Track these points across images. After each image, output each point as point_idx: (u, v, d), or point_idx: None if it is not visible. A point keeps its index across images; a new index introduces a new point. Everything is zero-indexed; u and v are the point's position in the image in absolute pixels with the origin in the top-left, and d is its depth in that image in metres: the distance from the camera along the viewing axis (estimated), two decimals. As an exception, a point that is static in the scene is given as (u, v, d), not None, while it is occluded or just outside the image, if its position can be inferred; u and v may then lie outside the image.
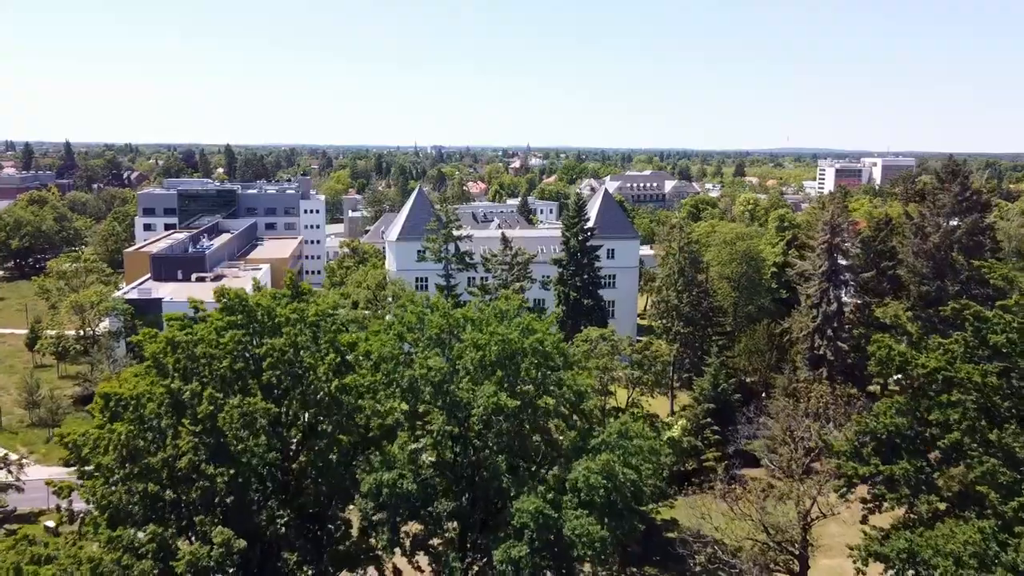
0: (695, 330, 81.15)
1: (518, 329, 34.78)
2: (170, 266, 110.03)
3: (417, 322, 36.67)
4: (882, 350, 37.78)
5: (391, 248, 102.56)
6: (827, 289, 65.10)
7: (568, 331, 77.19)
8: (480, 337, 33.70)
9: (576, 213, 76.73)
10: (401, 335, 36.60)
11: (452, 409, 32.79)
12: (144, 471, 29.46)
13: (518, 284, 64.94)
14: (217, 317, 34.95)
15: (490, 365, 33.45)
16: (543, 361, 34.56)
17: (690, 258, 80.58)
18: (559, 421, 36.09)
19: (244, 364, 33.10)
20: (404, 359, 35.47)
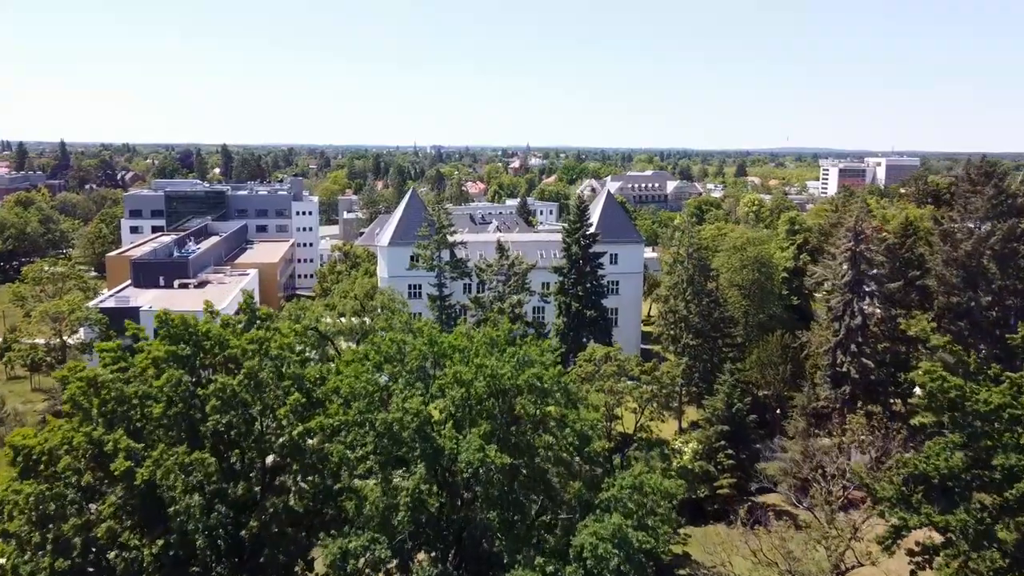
0: (705, 342, 75.97)
1: (512, 360, 29.56)
2: (151, 272, 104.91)
3: (396, 351, 31.46)
4: (935, 381, 32.57)
5: (382, 253, 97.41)
6: (850, 301, 59.95)
7: (570, 344, 72.10)
8: (464, 371, 28.53)
9: (578, 217, 71.56)
10: (379, 365, 31.36)
11: (434, 457, 27.70)
12: (56, 541, 24.36)
13: (515, 297, 59.76)
14: (158, 348, 29.75)
15: (477, 404, 28.29)
16: (541, 399, 29.39)
17: (699, 265, 75.40)
18: (561, 468, 30.92)
19: (184, 406, 27.94)
20: (381, 396, 30.27)
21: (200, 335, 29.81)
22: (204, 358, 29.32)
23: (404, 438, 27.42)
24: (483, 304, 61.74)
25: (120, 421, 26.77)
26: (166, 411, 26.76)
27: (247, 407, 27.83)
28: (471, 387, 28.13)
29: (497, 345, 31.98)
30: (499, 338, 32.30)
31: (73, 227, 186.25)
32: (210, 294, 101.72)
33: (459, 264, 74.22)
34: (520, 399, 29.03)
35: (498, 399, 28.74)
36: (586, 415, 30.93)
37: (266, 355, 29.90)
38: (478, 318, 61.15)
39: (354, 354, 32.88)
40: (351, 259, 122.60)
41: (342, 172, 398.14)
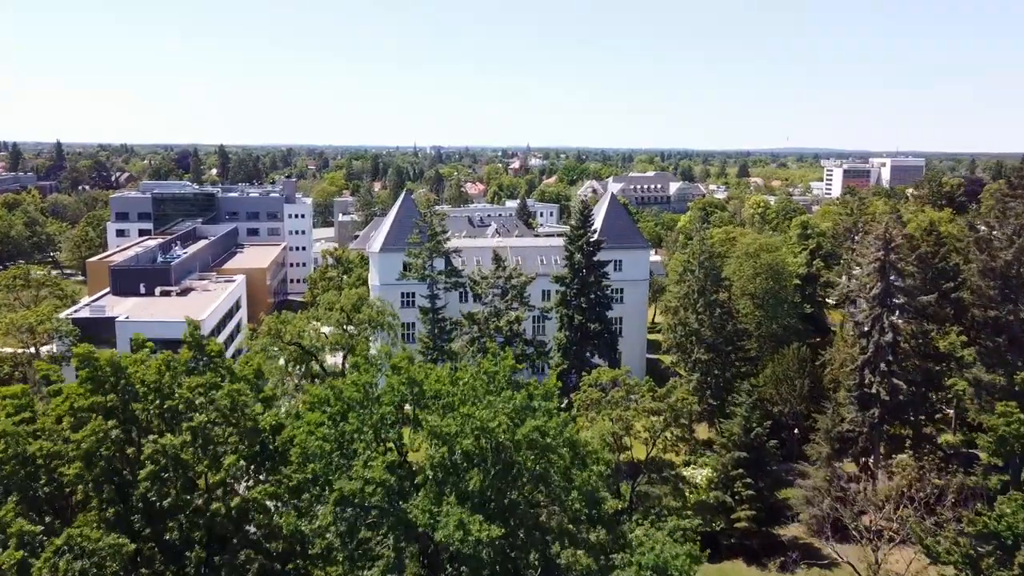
0: (717, 356, 70.80)
1: (508, 407, 24.38)
2: (131, 279, 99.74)
3: (363, 398, 26.22)
4: (1012, 424, 27.36)
5: (373, 260, 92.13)
6: (880, 315, 54.77)
7: (572, 359, 66.98)
8: (447, 425, 23.37)
9: (581, 223, 66.37)
10: (343, 413, 26.12)
11: (406, 533, 22.58)
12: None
13: (513, 314, 54.46)
14: (77, 394, 24.44)
15: (465, 462, 23.15)
16: (543, 455, 24.26)
17: (710, 274, 70.22)
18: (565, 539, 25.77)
19: (107, 468, 22.72)
20: (344, 451, 25.06)
21: (133, 380, 24.61)
22: (139, 407, 24.11)
23: (369, 507, 22.38)
24: (477, 320, 56.55)
25: (17, 487, 21.64)
26: (84, 474, 21.66)
27: (189, 470, 22.76)
28: (457, 443, 23.07)
29: (495, 381, 26.83)
30: (498, 375, 27.11)
31: (60, 230, 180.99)
32: (193, 302, 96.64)
33: (453, 273, 69.00)
34: (519, 455, 24.00)
35: (490, 457, 23.64)
36: (595, 469, 25.82)
37: (211, 405, 24.68)
38: (471, 335, 55.98)
39: (313, 398, 27.90)
40: (343, 264, 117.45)
41: (340, 173, 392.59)
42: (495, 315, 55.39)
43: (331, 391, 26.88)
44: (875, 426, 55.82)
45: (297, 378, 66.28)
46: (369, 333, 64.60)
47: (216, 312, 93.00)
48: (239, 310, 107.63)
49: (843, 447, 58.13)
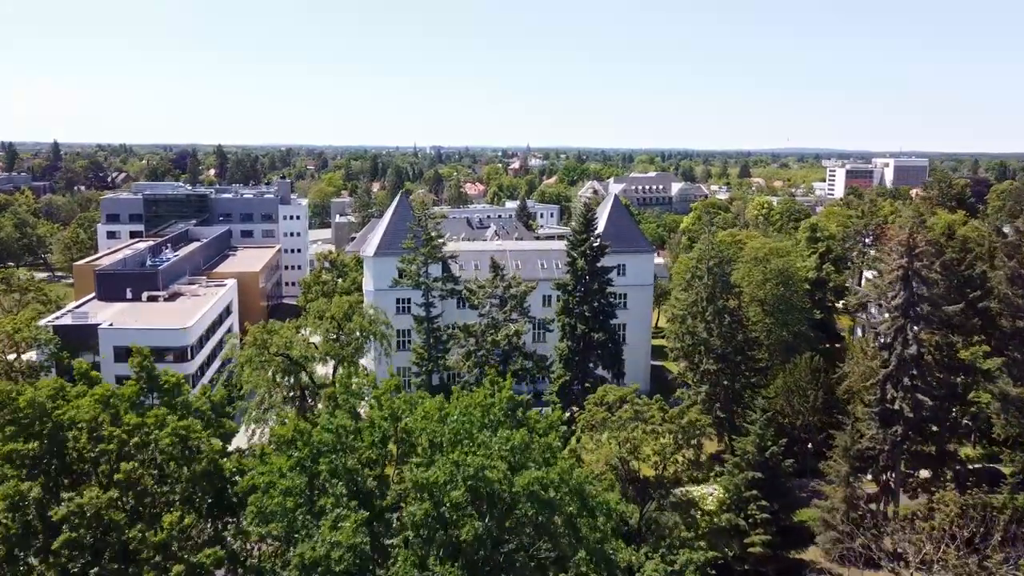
0: (727, 366, 67.43)
1: (505, 449, 21.04)
2: (118, 283, 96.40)
3: (335, 441, 22.81)
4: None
5: (368, 265, 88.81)
6: (903, 326, 51.44)
7: (574, 370, 63.63)
8: (433, 474, 20.00)
9: (583, 227, 62.99)
10: (315, 457, 22.63)
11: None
12: None
13: (512, 327, 51.00)
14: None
15: (454, 516, 19.81)
16: (547, 512, 20.87)
17: (720, 281, 66.84)
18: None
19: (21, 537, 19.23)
20: (311, 509, 21.61)
21: (62, 421, 21.12)
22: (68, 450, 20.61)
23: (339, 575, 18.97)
24: (474, 333, 53.07)
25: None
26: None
27: (120, 532, 19.27)
28: (445, 495, 19.71)
29: (490, 414, 23.48)
30: (494, 407, 23.76)
31: (51, 231, 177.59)
32: (181, 308, 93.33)
33: (450, 280, 65.60)
34: (519, 507, 20.66)
35: (485, 505, 20.32)
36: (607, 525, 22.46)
37: (146, 446, 21.21)
38: (468, 348, 52.53)
39: (279, 439, 24.40)
40: (338, 268, 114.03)
41: (338, 174, 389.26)
42: (493, 328, 52.01)
43: (298, 434, 23.33)
44: (897, 444, 52.49)
45: (285, 390, 63.00)
46: (360, 343, 61.27)
47: (205, 318, 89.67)
48: (230, 315, 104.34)
49: (862, 465, 54.78)
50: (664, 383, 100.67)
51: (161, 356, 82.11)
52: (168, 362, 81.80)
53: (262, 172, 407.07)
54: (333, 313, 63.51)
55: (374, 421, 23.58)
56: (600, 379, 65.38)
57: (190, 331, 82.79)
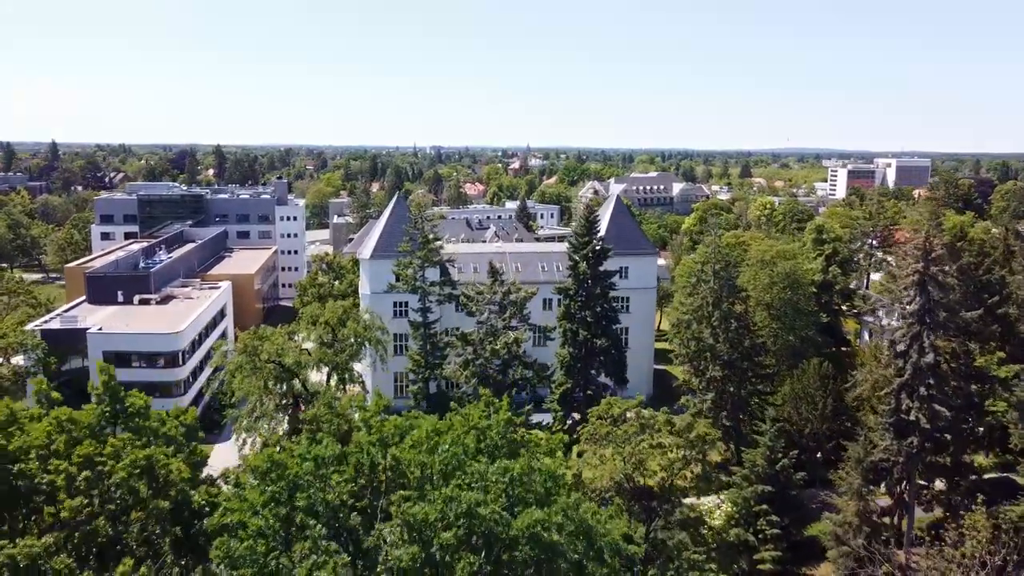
0: (733, 373, 65.35)
1: (503, 481, 18.98)
2: (108, 287, 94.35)
3: (315, 473, 20.65)
4: None
5: (364, 267, 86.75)
6: (919, 333, 49.33)
7: (576, 377, 61.57)
8: (423, 511, 17.90)
9: (585, 229, 60.89)
10: (292, 491, 20.42)
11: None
12: None
13: (511, 335, 48.80)
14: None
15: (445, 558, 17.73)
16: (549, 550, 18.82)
17: (726, 285, 64.74)
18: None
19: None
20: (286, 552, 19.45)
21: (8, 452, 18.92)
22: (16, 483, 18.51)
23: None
24: (472, 342, 50.93)
25: None
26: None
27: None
28: (436, 536, 17.68)
29: (487, 438, 21.42)
30: (491, 431, 21.69)
31: (45, 232, 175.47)
32: (174, 311, 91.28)
33: (448, 283, 63.47)
34: (520, 549, 18.57)
35: (479, 545, 18.27)
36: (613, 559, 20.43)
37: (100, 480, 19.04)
38: (466, 357, 50.39)
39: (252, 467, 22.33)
40: (335, 270, 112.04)
41: (337, 174, 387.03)
42: (491, 335, 49.88)
43: (272, 464, 21.10)
44: (913, 456, 50.40)
45: (278, 397, 60.90)
46: (355, 350, 59.17)
47: (197, 322, 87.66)
48: (224, 318, 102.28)
49: (875, 477, 52.70)
50: (668, 388, 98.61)
51: (152, 361, 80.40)
52: (159, 367, 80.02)
53: (261, 172, 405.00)
54: (327, 318, 61.41)
55: (362, 446, 21.56)
56: (603, 386, 63.37)
57: (181, 335, 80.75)
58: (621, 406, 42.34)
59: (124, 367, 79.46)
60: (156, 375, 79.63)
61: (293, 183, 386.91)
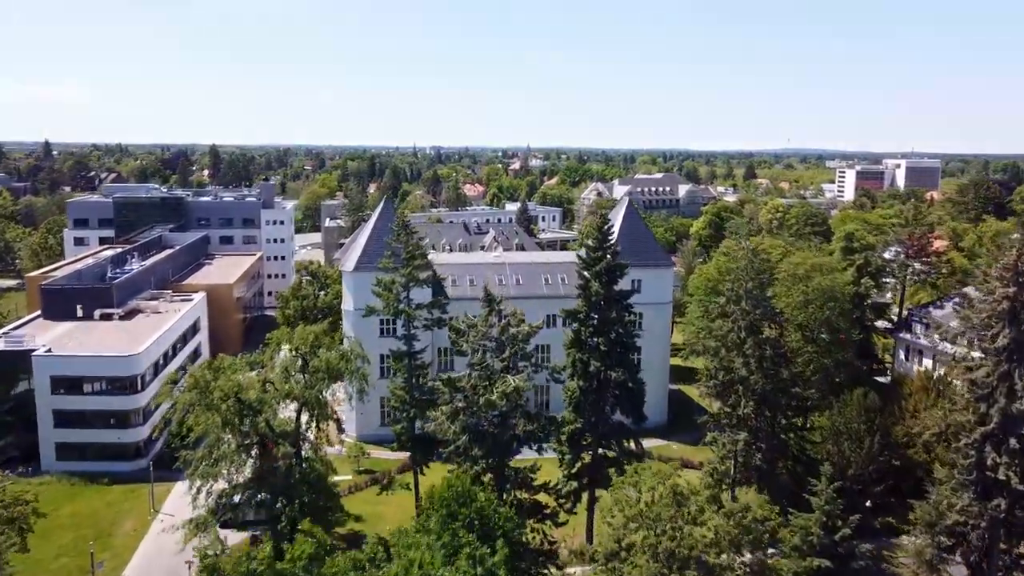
0: (767, 408, 56.38)
1: None
2: (66, 300, 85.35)
3: None
4: None
5: (347, 281, 77.89)
6: (1008, 372, 40.51)
7: (586, 415, 52.53)
8: None
9: (599, 243, 51.85)
10: None
11: None
12: None
13: (511, 381, 39.54)
14: None
15: None
16: None
17: (761, 306, 55.67)
18: None
19: None
20: None
21: None
22: None
23: None
24: (461, 388, 41.66)
25: None
26: None
27: None
28: None
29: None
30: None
31: (19, 236, 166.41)
32: (137, 328, 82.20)
33: (437, 306, 54.36)
34: None
35: None
36: None
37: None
38: (455, 406, 41.27)
39: None
40: (319, 280, 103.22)
41: (333, 175, 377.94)
42: (486, 381, 40.71)
43: None
44: (999, 521, 41.52)
45: (240, 436, 51.89)
46: (328, 384, 50.23)
47: (162, 340, 78.74)
48: (197, 333, 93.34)
49: (951, 544, 43.80)
50: (683, 411, 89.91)
51: (107, 387, 71.53)
52: (115, 393, 71.12)
53: (255, 173, 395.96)
54: (296, 345, 52.44)
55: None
56: (617, 425, 54.43)
57: (140, 357, 71.81)
58: (650, 475, 33.39)
59: (75, 393, 70.91)
60: (111, 403, 70.76)
61: (289, 184, 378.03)
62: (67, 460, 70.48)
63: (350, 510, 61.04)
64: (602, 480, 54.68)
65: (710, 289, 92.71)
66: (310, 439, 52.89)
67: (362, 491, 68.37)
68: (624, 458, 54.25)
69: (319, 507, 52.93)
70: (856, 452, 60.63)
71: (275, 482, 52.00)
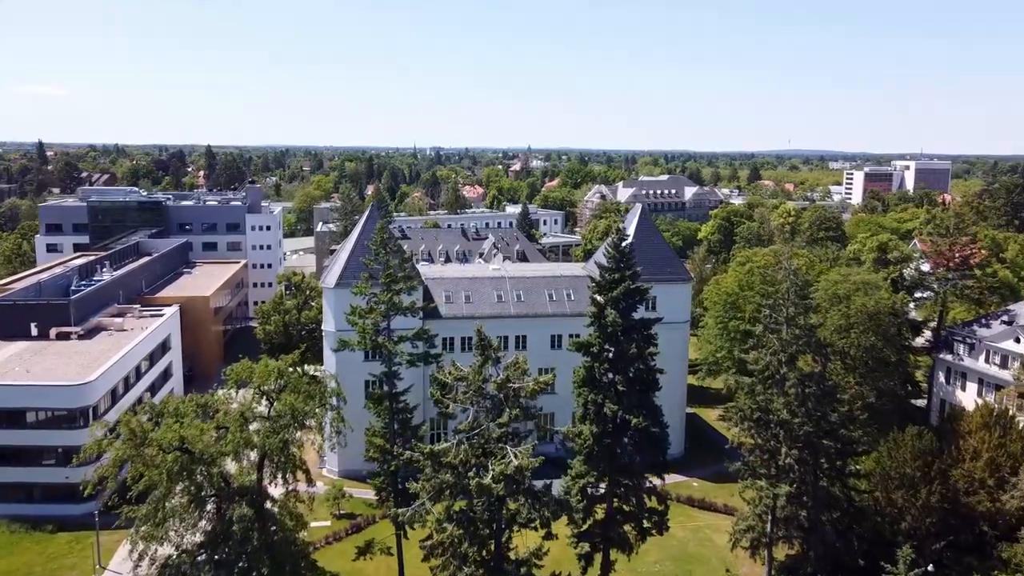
0: (811, 454, 48.12)
1: None
2: (18, 316, 77.04)
3: None
4: None
5: (327, 298, 69.66)
6: None
7: (600, 464, 44.25)
8: None
9: (616, 263, 43.56)
10: None
11: None
12: None
13: (511, 458, 31.01)
14: None
15: None
16: None
17: (805, 335, 47.35)
18: None
19: None
20: None
21: None
22: None
23: None
24: (447, 461, 32.74)
25: None
26: None
27: None
28: None
29: None
30: None
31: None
32: (96, 348, 73.87)
33: (424, 335, 45.99)
34: None
35: None
36: None
37: None
38: (439, 482, 32.54)
39: None
40: (302, 292, 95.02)
41: (330, 176, 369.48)
42: (479, 453, 31.98)
43: None
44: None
45: (192, 491, 43.65)
46: (291, 433, 41.94)
47: (122, 364, 70.57)
48: (167, 352, 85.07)
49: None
50: (699, 435, 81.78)
51: (53, 421, 63.30)
52: (62, 427, 62.88)
53: (250, 174, 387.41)
54: (258, 384, 44.16)
55: None
56: (636, 476, 46.15)
57: (92, 386, 63.56)
58: None
59: (16, 427, 62.67)
60: (57, 437, 62.49)
61: (286, 186, 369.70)
62: (9, 503, 62.31)
63: (326, 566, 52.77)
64: (618, 539, 46.57)
65: (730, 304, 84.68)
66: (273, 497, 44.67)
67: (341, 540, 60.24)
68: (644, 516, 46.11)
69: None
70: (911, 502, 52.47)
71: (232, 547, 43.88)
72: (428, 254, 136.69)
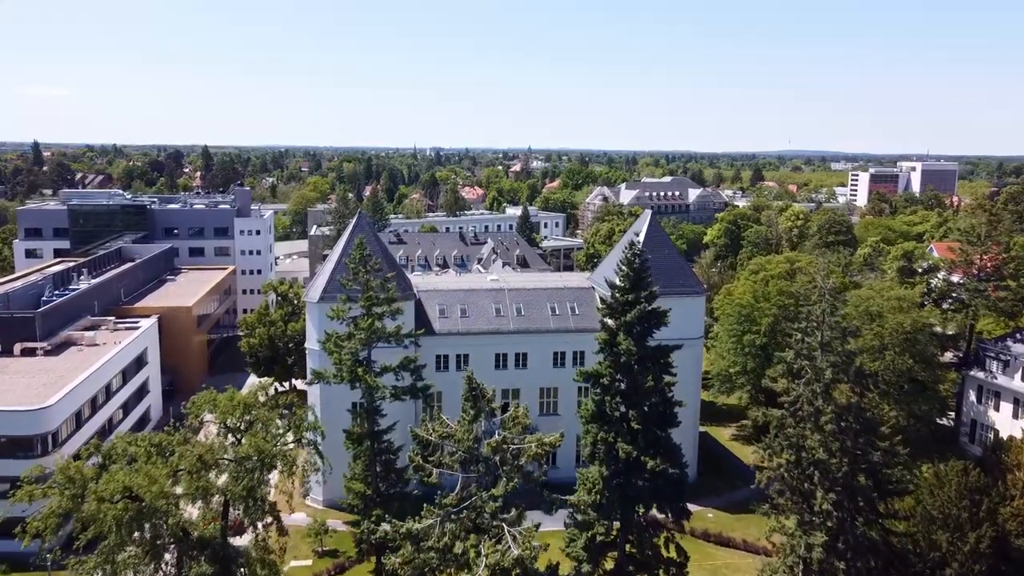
0: (851, 498, 42.58)
1: None
2: (-20, 332, 71.55)
3: None
4: None
5: (311, 313, 64.09)
6: None
7: (610, 510, 38.73)
8: None
9: (631, 282, 38.18)
10: None
11: None
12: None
13: (513, 548, 25.56)
14: None
15: None
16: None
17: (843, 361, 41.84)
18: None
19: None
20: None
21: None
22: None
23: None
24: (429, 544, 26.84)
25: None
26: None
27: None
28: None
29: None
30: None
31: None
32: (64, 365, 68.30)
33: (408, 366, 40.51)
34: None
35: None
36: None
37: None
38: (419, 568, 26.86)
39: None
40: (289, 303, 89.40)
41: (328, 177, 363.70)
42: (467, 537, 26.26)
43: None
44: None
45: (143, 547, 38.19)
46: (257, 478, 36.47)
47: (91, 382, 65.12)
48: (143, 367, 79.59)
49: None
50: (712, 457, 76.26)
51: (10, 449, 57.76)
52: (17, 456, 57.26)
53: (247, 175, 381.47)
54: (222, 420, 38.69)
55: None
56: (651, 524, 40.67)
57: (51, 411, 58.00)
58: None
59: (-35, 456, 57.09)
60: (14, 467, 56.72)
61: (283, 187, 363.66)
62: (-40, 538, 56.68)
63: (305, 615, 47.53)
64: (630, 593, 41.07)
65: (744, 317, 79.14)
66: (237, 549, 39.20)
67: (323, 583, 54.64)
68: (661, 567, 40.63)
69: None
70: (956, 546, 46.98)
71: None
72: (425, 260, 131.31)
